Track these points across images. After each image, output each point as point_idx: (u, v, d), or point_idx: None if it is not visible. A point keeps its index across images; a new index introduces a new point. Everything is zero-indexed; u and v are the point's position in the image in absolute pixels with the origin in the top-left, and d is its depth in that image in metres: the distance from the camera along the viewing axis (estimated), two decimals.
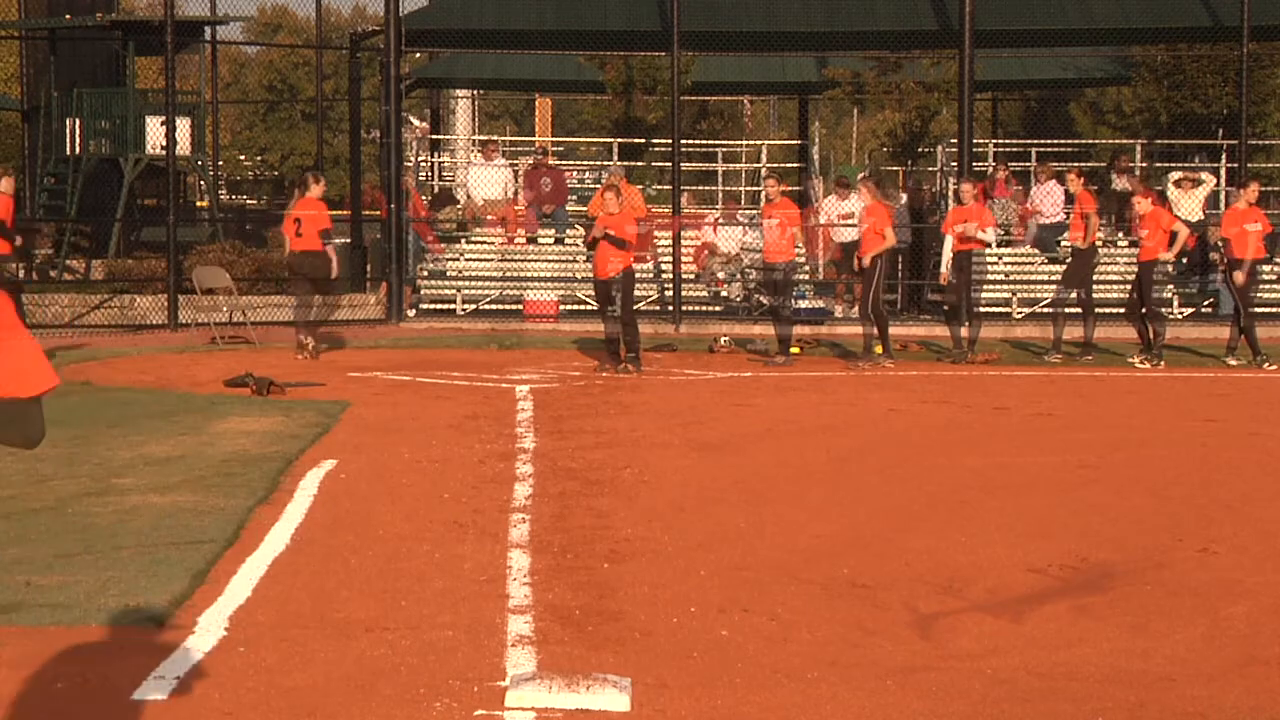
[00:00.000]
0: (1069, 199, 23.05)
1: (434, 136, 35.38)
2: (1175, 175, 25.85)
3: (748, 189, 31.01)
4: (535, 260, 25.62)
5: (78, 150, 27.86)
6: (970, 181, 20.24)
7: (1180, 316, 24.32)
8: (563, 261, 25.59)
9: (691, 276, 25.06)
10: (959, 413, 14.61)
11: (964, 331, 19.32)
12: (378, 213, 25.88)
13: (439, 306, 25.09)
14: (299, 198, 19.35)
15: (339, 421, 13.50)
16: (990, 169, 27.19)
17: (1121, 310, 20.24)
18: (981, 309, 20.72)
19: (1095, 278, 20.88)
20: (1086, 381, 17.46)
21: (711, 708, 5.97)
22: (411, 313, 24.31)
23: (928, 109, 31.61)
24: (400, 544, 8.74)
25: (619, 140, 30.85)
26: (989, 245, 20.27)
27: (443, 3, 27.71)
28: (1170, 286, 25.07)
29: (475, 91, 43.89)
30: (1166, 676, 6.47)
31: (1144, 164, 28.37)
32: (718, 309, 25.36)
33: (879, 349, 19.04)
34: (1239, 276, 19.10)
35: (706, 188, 32.04)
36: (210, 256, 24.26)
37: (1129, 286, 20.30)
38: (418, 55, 35.82)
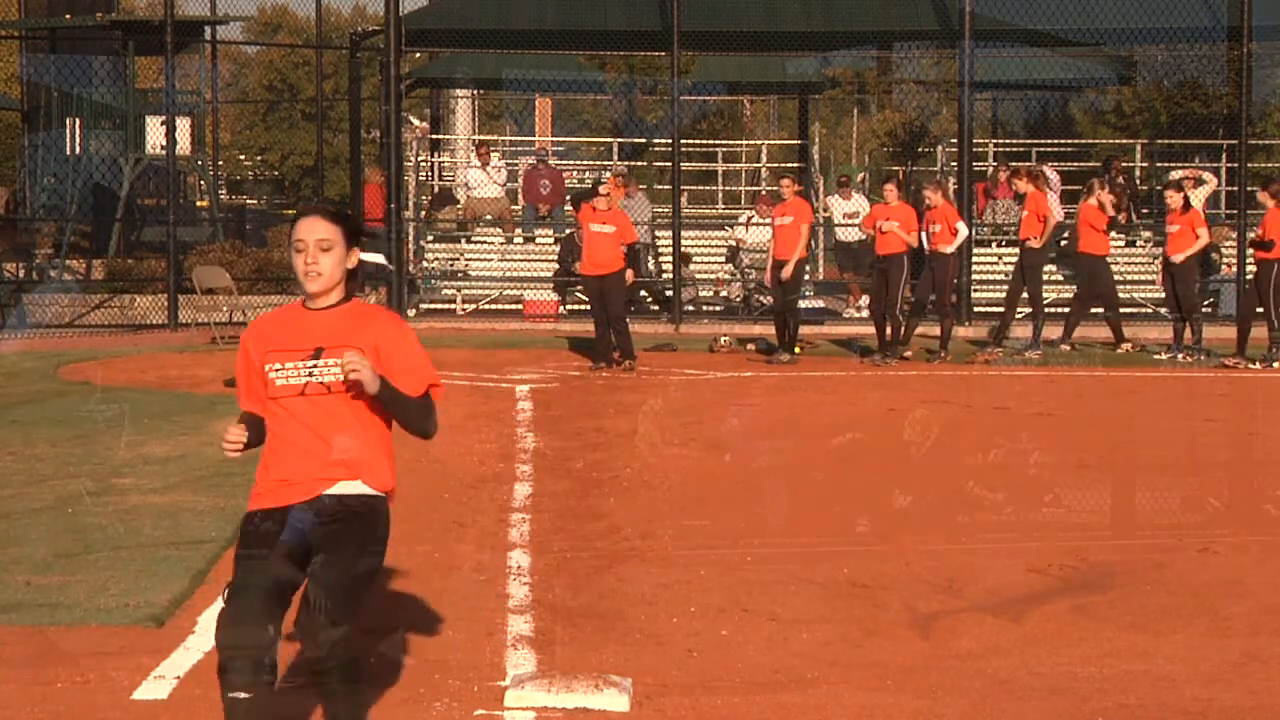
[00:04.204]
0: (1019, 199, 22.86)
1: (434, 136, 35.33)
2: (1177, 174, 25.80)
3: (748, 189, 30.98)
4: (535, 260, 25.62)
5: (78, 150, 27.82)
6: (932, 186, 20.14)
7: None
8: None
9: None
10: (959, 413, 14.60)
11: (937, 330, 19.70)
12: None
13: (439, 306, 25.08)
14: None
15: None
16: (991, 169, 27.15)
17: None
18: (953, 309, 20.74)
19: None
20: (1086, 381, 17.45)
21: (711, 708, 5.97)
22: (411, 313, 24.30)
23: (928, 109, 31.62)
24: (400, 544, 8.72)
25: (619, 140, 30.84)
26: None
27: (443, 3, 27.70)
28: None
29: (475, 91, 43.84)
30: (1166, 676, 6.46)
31: (1144, 164, 28.34)
32: (718, 309, 25.33)
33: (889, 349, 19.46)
34: None
35: (706, 188, 32.01)
36: (210, 256, 24.23)
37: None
38: (418, 55, 35.78)
